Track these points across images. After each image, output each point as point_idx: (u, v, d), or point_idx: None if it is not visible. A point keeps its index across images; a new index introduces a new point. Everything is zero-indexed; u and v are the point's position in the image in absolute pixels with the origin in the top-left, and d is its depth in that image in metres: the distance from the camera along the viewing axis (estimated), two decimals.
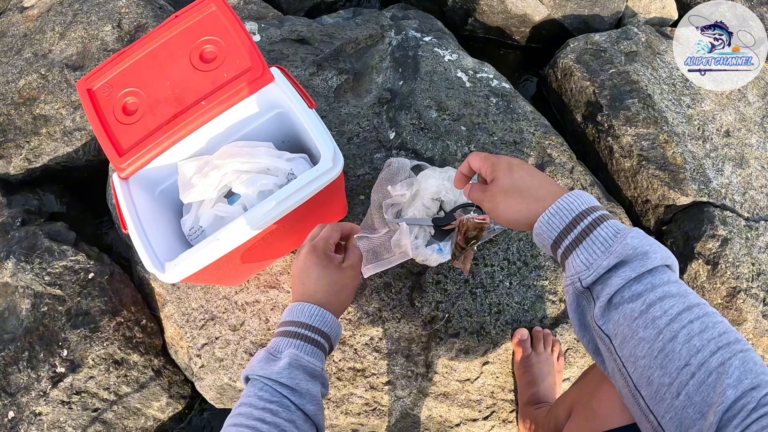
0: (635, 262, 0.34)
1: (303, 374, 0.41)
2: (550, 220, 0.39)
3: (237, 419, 0.39)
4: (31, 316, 0.75)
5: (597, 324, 0.35)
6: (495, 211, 0.43)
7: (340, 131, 0.81)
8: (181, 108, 0.58)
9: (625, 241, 0.35)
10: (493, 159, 0.44)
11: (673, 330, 0.31)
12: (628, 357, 0.33)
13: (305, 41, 0.91)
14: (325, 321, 0.45)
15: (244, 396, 0.41)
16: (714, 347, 0.30)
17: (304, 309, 0.45)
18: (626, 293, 0.34)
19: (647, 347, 0.32)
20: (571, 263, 0.37)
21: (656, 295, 0.33)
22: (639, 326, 0.32)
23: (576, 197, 0.39)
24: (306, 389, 0.41)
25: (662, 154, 0.90)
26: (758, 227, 0.90)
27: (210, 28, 0.58)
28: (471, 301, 0.71)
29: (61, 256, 0.79)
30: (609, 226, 0.37)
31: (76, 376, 0.73)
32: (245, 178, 0.58)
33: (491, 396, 0.71)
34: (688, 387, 0.29)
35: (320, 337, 0.44)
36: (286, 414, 0.39)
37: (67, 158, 0.91)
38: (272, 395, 0.39)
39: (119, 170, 0.59)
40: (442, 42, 0.92)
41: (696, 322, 0.31)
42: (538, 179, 0.42)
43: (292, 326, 0.44)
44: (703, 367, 0.29)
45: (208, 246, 0.53)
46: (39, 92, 0.94)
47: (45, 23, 1.02)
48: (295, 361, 0.41)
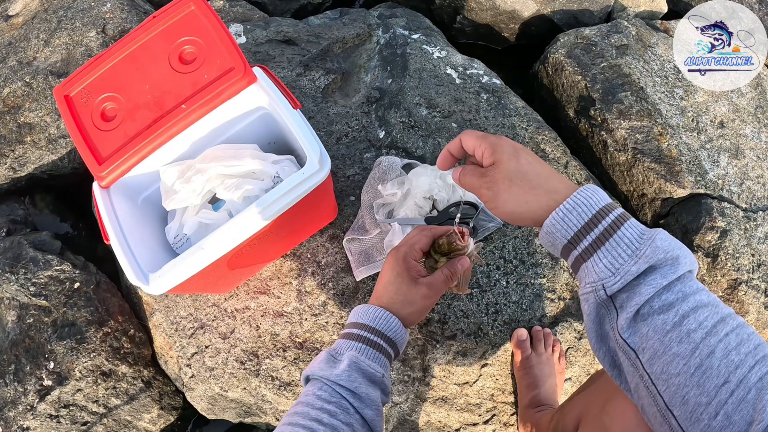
0: (665, 268, 0.31)
1: (362, 378, 0.39)
2: (566, 216, 0.34)
3: (293, 418, 0.37)
4: (17, 328, 0.73)
5: (621, 336, 0.32)
6: (495, 200, 0.37)
7: (328, 131, 0.80)
8: (162, 112, 0.56)
9: (654, 243, 0.32)
10: (492, 139, 0.38)
11: (710, 345, 0.29)
12: (659, 374, 0.30)
13: (292, 42, 0.89)
14: (389, 325, 0.43)
15: (302, 395, 0.39)
16: (752, 361, 0.28)
17: (369, 311, 0.43)
18: (656, 303, 0.31)
19: (682, 364, 0.29)
20: (592, 268, 0.33)
21: (689, 306, 0.30)
22: (672, 340, 0.30)
23: (594, 192, 0.35)
24: (365, 393, 0.39)
25: (657, 147, 0.89)
26: (756, 218, 0.89)
27: (189, 28, 0.57)
28: (467, 301, 0.70)
29: (46, 266, 0.77)
30: (632, 226, 0.33)
31: (63, 388, 0.71)
32: (229, 183, 0.57)
33: (491, 399, 0.69)
34: (726, 406, 0.28)
35: (383, 342, 0.42)
36: (344, 416, 0.37)
37: (52, 166, 0.90)
38: (331, 395, 0.38)
39: (99, 179, 0.57)
40: (431, 39, 0.91)
41: (731, 334, 0.29)
42: (547, 168, 0.37)
43: (355, 328, 0.43)
44: (742, 384, 0.28)
45: (193, 256, 0.52)
46: (23, 100, 0.92)
47: (30, 30, 1.01)
48: (354, 364, 0.40)
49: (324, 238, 0.73)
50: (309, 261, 0.72)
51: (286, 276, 0.72)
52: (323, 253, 0.72)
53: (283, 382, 0.69)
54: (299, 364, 0.69)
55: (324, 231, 0.73)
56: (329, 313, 0.69)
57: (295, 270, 0.72)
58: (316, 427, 0.36)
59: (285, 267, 0.72)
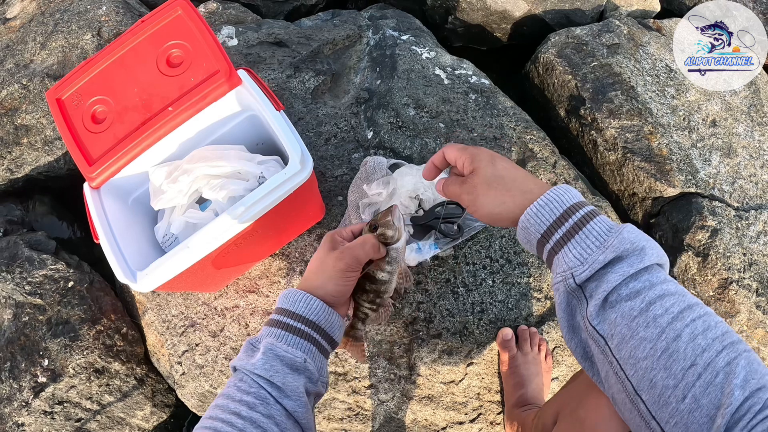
0: (632, 258, 0.32)
1: (281, 365, 0.38)
2: (539, 212, 0.36)
3: (214, 411, 0.37)
4: (13, 326, 0.75)
5: (591, 324, 0.33)
6: (475, 204, 0.40)
7: (317, 132, 0.81)
8: (150, 114, 0.57)
9: (621, 235, 0.33)
10: (472, 150, 0.41)
11: (676, 329, 0.30)
12: (626, 359, 0.31)
13: (282, 44, 0.90)
14: (310, 308, 0.40)
15: (225, 387, 0.39)
16: (719, 346, 0.29)
17: (290, 295, 0.41)
18: (623, 291, 0.32)
19: (649, 347, 0.30)
20: (563, 258, 0.35)
21: (656, 293, 0.31)
22: (639, 325, 0.31)
23: (565, 190, 0.37)
24: (283, 382, 0.37)
25: (647, 146, 0.89)
26: (748, 216, 0.89)
27: (176, 32, 0.58)
28: (453, 300, 0.70)
29: (41, 265, 0.78)
30: (602, 221, 0.35)
31: (57, 385, 0.73)
32: (215, 183, 0.58)
33: (477, 398, 0.70)
34: (694, 389, 0.28)
35: (304, 326, 0.39)
36: (263, 408, 0.36)
37: (48, 168, 0.91)
38: (250, 386, 0.37)
39: (90, 179, 0.58)
40: (420, 40, 0.92)
41: (698, 320, 0.30)
42: (522, 172, 0.40)
43: (277, 314, 0.41)
44: (710, 367, 0.28)
45: (179, 254, 0.53)
46: (20, 102, 0.94)
47: (27, 33, 1.03)
48: (270, 351, 0.38)
49: (312, 237, 0.73)
50: (297, 260, 0.73)
51: (274, 275, 0.73)
52: (311, 252, 0.73)
53: None
54: None
55: (312, 230, 0.74)
56: None
57: (284, 269, 0.72)
58: (235, 421, 0.35)
59: (274, 266, 0.73)
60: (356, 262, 0.41)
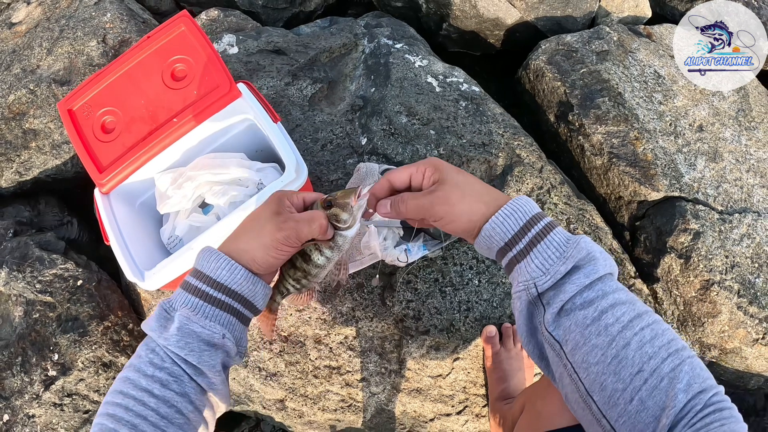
0: (588, 267, 0.35)
1: (197, 342, 0.35)
2: (504, 221, 0.37)
3: (124, 386, 0.34)
4: (24, 323, 0.79)
5: (547, 330, 0.35)
6: (452, 213, 0.38)
7: (314, 138, 0.84)
8: (155, 125, 0.61)
9: (578, 245, 0.35)
10: (430, 160, 0.40)
11: (625, 337, 0.32)
12: (580, 363, 0.33)
13: (281, 52, 0.93)
14: (234, 278, 0.36)
15: (136, 355, 0.36)
16: (665, 354, 0.31)
17: (212, 257, 0.36)
18: (578, 300, 0.34)
19: (600, 354, 0.32)
20: (525, 268, 0.36)
21: (608, 303, 0.34)
22: (592, 333, 0.33)
23: (526, 202, 0.38)
24: (199, 360, 0.35)
25: (633, 151, 0.92)
26: (732, 220, 0.91)
27: (180, 47, 0.61)
28: (441, 299, 0.74)
29: (51, 265, 0.82)
30: (559, 232, 0.37)
31: (66, 378, 0.77)
32: (217, 189, 0.61)
33: (463, 391, 0.74)
34: (641, 392, 0.31)
35: (226, 296, 0.36)
36: (177, 386, 0.34)
37: (56, 171, 0.95)
38: (163, 360, 0.35)
39: (100, 185, 0.62)
40: (413, 48, 0.95)
41: (647, 329, 0.33)
42: (482, 182, 0.41)
43: (195, 278, 0.36)
44: (655, 373, 0.31)
45: (183, 255, 0.57)
46: (28, 107, 0.98)
47: (33, 39, 1.06)
48: (185, 326, 0.35)
49: None
50: None
51: None
52: None
53: (270, 372, 0.74)
54: (284, 356, 0.74)
55: None
56: (312, 309, 0.74)
57: None
58: (147, 399, 0.33)
59: None
60: (297, 238, 0.37)
